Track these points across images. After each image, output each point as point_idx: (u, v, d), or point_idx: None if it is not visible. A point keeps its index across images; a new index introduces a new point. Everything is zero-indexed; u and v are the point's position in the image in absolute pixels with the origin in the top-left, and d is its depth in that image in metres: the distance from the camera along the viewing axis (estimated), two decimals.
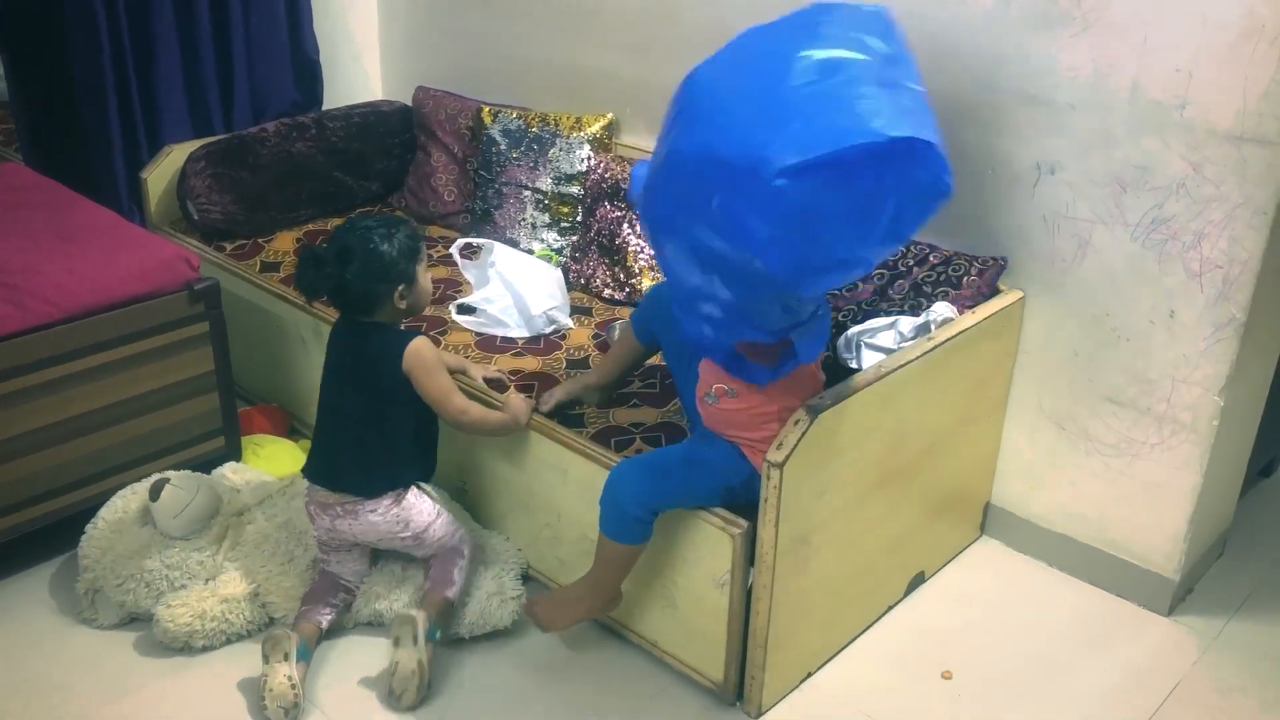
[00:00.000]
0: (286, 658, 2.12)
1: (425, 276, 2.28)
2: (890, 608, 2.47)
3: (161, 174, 3.28)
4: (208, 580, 2.33)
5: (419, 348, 2.22)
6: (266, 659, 2.13)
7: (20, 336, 2.32)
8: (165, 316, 2.53)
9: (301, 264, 2.20)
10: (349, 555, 2.34)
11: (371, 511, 2.26)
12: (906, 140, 1.59)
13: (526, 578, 2.47)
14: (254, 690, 2.17)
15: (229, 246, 3.19)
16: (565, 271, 3.02)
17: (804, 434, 1.95)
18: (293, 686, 2.10)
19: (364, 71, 3.87)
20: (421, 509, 2.31)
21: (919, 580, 2.54)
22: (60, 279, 2.41)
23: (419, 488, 2.35)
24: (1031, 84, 2.35)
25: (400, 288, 2.21)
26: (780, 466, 1.93)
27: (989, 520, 2.72)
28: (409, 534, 2.29)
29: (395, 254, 2.19)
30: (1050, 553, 2.63)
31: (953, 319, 2.35)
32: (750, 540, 2.03)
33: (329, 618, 2.29)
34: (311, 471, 2.30)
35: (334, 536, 2.29)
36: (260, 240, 3.23)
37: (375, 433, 2.24)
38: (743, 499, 2.08)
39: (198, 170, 3.18)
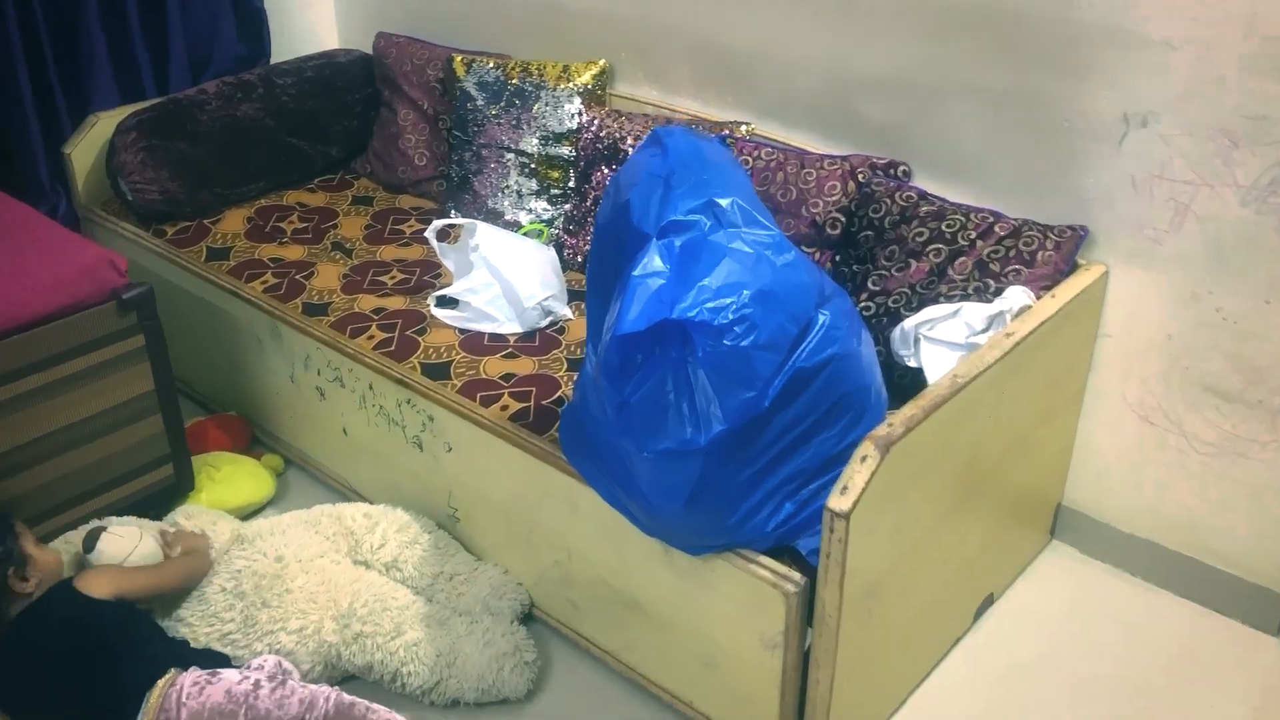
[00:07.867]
0: None
1: (34, 547, 1.99)
2: (958, 640, 2.16)
3: (87, 147, 2.90)
4: None
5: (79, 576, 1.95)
6: None
7: None
8: (91, 333, 2.18)
9: None
10: None
11: None
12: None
13: (530, 617, 2.18)
14: None
15: (170, 230, 2.82)
16: (559, 248, 2.68)
17: (874, 473, 1.60)
18: None
19: (316, 17, 3.53)
20: None
21: (988, 603, 2.23)
22: None
23: None
24: (1118, 14, 1.99)
25: (11, 570, 1.91)
26: (846, 517, 1.58)
27: (1059, 523, 2.40)
28: None
29: None
30: (1131, 560, 2.33)
31: (1030, 305, 1.99)
32: (807, 598, 1.69)
33: None
34: None
35: None
36: (206, 222, 2.88)
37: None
38: None
39: (129, 143, 2.80)
